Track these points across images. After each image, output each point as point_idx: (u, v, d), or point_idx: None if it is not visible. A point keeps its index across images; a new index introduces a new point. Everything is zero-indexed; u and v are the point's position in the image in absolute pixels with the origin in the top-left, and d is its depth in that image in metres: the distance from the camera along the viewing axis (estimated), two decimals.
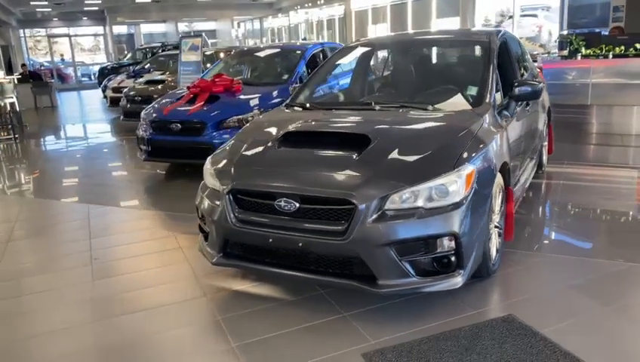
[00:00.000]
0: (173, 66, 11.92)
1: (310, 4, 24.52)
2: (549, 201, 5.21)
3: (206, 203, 3.38)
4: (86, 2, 24.73)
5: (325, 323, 3.04)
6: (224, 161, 3.46)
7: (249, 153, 3.45)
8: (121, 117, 10.71)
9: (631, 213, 4.82)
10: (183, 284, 3.67)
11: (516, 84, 3.95)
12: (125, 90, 10.82)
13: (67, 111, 16.38)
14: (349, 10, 19.19)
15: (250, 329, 3.01)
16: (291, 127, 3.58)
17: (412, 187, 2.84)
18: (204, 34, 10.81)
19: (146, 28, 30.11)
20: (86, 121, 13.79)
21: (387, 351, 2.72)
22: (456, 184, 2.88)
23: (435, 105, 3.74)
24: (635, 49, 7.52)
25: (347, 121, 3.72)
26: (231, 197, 3.18)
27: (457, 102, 3.76)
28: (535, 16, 18.26)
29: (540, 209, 5.06)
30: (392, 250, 2.80)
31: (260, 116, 4.35)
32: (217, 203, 3.24)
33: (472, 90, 3.88)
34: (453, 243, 2.86)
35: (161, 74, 11.66)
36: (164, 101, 6.95)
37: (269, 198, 3.06)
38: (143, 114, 6.89)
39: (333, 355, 2.73)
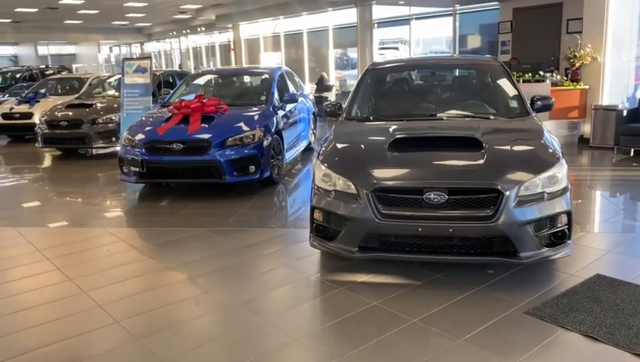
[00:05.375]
0: (89, 89, 11.50)
1: (189, 31, 24.44)
2: None
3: (334, 204, 3.73)
4: None
5: (468, 296, 3.59)
6: (348, 165, 3.85)
7: (375, 157, 3.88)
8: (39, 143, 10.02)
9: None
10: (309, 283, 3.96)
11: (537, 98, 4.92)
12: (43, 114, 10.15)
13: None
14: (238, 38, 19.63)
15: (413, 308, 3.43)
16: (398, 134, 4.08)
17: (538, 176, 3.56)
18: (152, 55, 10.50)
19: None
20: None
21: (541, 307, 3.36)
22: (562, 172, 3.67)
23: (495, 116, 4.54)
24: (540, 75, 9.23)
25: (440, 127, 4.32)
26: (373, 195, 3.59)
27: (512, 112, 4.62)
28: (397, 48, 20.92)
29: None
30: (531, 228, 3.48)
31: (337, 127, 4.68)
32: (354, 202, 3.63)
33: (514, 103, 4.76)
34: (566, 219, 3.62)
35: (78, 97, 11.08)
36: (149, 122, 6.84)
37: (417, 193, 3.54)
38: (128, 135, 6.69)
39: (500, 318, 3.29)
